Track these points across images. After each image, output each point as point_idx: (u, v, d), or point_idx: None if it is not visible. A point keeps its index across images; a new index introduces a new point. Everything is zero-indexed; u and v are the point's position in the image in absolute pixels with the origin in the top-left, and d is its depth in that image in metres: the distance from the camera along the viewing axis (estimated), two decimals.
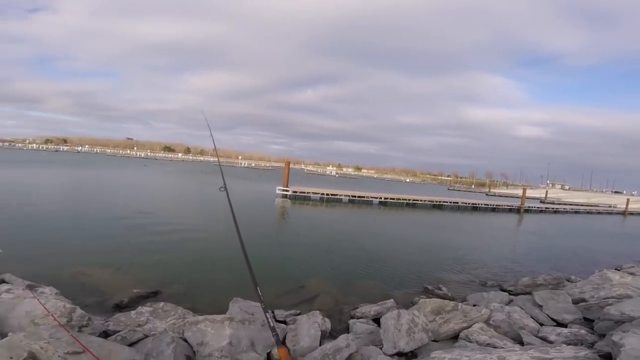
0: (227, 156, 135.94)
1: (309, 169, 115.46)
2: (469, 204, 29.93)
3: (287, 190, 23.99)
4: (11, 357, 2.53)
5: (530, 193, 50.96)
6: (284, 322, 4.62)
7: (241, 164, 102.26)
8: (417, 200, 27.26)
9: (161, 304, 4.60)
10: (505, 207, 32.13)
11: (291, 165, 27.18)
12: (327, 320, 4.48)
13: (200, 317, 3.91)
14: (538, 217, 30.51)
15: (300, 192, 24.42)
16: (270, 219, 15.80)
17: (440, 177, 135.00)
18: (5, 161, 38.04)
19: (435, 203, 27.94)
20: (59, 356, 2.64)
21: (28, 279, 4.98)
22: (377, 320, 4.73)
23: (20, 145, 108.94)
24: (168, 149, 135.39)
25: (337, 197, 25.55)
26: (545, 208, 36.84)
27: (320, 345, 3.83)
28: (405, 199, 26.98)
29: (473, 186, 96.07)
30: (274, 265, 8.16)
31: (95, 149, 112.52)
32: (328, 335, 4.26)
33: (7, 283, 4.65)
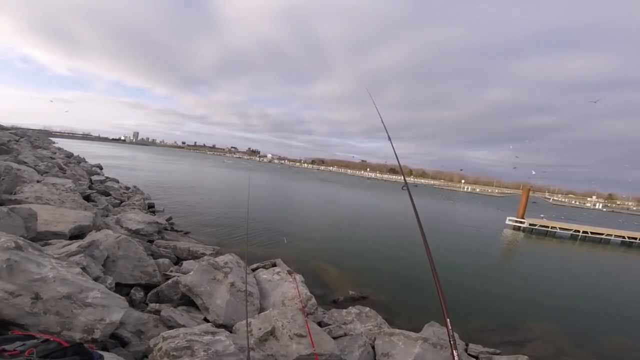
0: (449, 179, 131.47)
1: (555, 199, 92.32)
2: None
3: (521, 222, 20.24)
4: (260, 328, 3.28)
5: None
6: (476, 358, 4.21)
7: (464, 188, 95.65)
8: None
9: (367, 309, 5.01)
10: None
11: (530, 194, 22.73)
12: None
13: (397, 330, 3.95)
14: None
15: (540, 226, 20.07)
16: (495, 251, 13.76)
17: None
18: (306, 179, 53.04)
19: None
20: (289, 335, 3.22)
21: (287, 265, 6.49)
22: None
23: (298, 164, 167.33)
24: (393, 171, 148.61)
25: (602, 236, 19.10)
26: None
27: None
28: None
29: None
30: (485, 298, 7.26)
31: (340, 170, 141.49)
32: None
33: (277, 267, 6.12)
